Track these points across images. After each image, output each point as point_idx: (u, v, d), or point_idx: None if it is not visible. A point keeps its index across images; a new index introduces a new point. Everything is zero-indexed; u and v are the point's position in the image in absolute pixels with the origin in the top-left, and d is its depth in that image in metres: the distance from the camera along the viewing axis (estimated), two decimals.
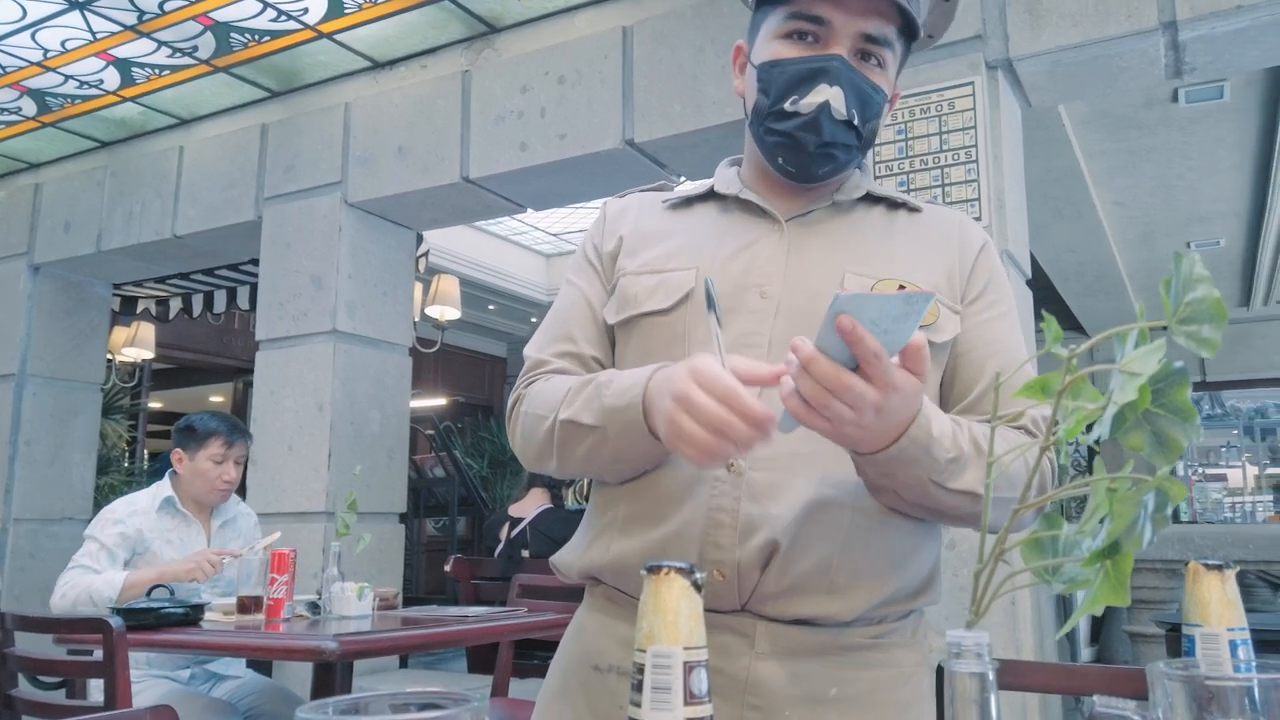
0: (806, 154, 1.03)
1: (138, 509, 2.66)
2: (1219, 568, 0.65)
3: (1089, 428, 0.54)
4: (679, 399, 0.84)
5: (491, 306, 8.30)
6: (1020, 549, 0.55)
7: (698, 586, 0.52)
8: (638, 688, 0.50)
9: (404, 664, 4.13)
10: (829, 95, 1.00)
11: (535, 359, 1.12)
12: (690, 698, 0.50)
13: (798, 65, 1.02)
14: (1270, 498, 9.27)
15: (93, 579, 2.48)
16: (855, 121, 1.02)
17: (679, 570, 0.51)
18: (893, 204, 1.11)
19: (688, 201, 1.15)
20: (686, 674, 0.50)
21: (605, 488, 1.06)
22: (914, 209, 1.11)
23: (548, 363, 1.11)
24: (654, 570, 0.52)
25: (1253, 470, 9.38)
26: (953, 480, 0.90)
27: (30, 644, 2.26)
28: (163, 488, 2.73)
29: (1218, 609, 0.64)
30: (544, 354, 1.12)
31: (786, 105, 1.02)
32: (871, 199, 1.11)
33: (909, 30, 1.05)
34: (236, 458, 2.74)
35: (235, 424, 2.78)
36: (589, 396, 0.98)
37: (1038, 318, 1.15)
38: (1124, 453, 0.55)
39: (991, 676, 0.54)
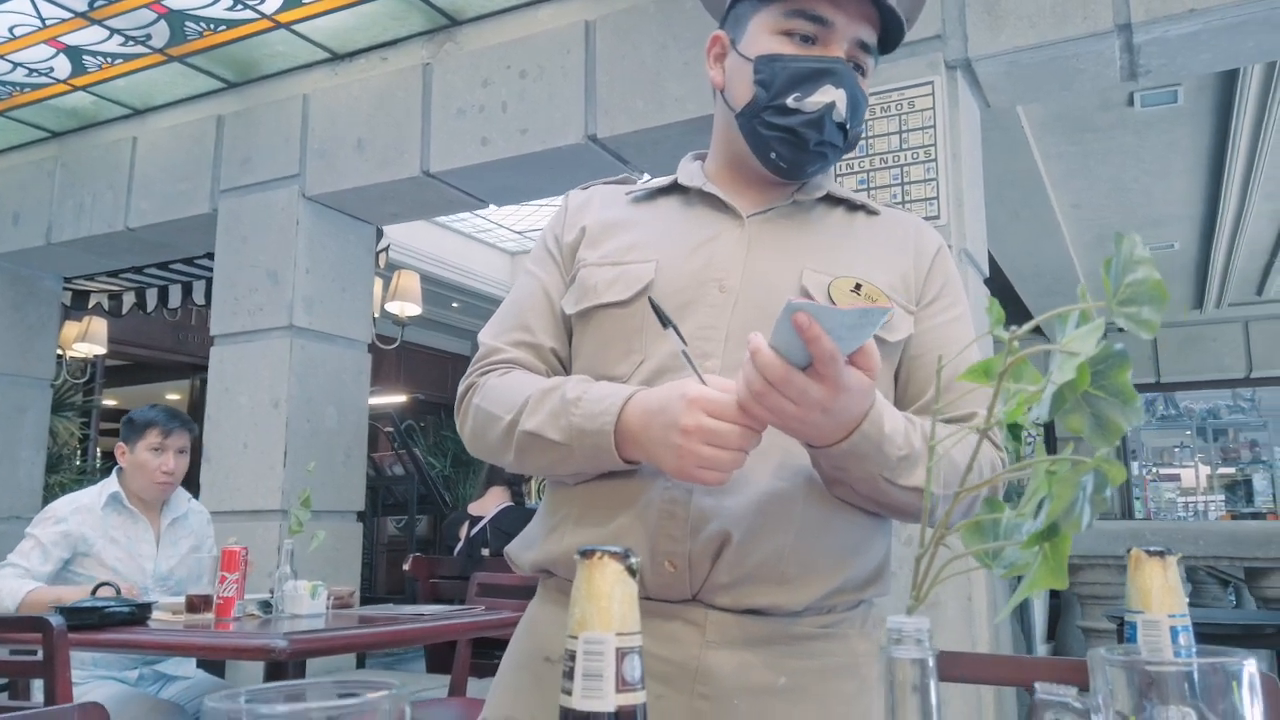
0: (805, 151, 1.04)
1: (81, 505, 2.59)
2: (1160, 554, 0.65)
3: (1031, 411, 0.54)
4: (693, 431, 0.85)
5: (455, 304, 8.23)
6: (961, 532, 0.55)
7: (632, 571, 0.50)
8: (569, 675, 0.49)
9: (361, 664, 4.08)
10: (835, 97, 1.02)
11: (490, 346, 1.11)
12: (623, 684, 0.48)
13: (804, 63, 1.02)
14: (1222, 497, 9.45)
15: (2, 585, 2.41)
16: (848, 126, 1.04)
17: (612, 555, 0.50)
18: (852, 205, 1.12)
19: (651, 194, 1.14)
20: (619, 661, 0.48)
21: (561, 486, 1.06)
22: (872, 211, 1.12)
23: (502, 350, 1.10)
24: (587, 555, 0.50)
25: (1205, 470, 9.57)
26: (904, 477, 0.91)
27: None
28: (109, 483, 2.66)
29: (1159, 595, 0.64)
30: (499, 342, 1.11)
31: (789, 101, 1.02)
32: (831, 200, 1.12)
33: (881, 44, 1.07)
34: (177, 447, 2.67)
35: (174, 413, 2.72)
36: (554, 410, 0.97)
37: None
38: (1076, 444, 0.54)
39: (931, 663, 0.54)
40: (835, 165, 1.14)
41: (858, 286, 1.02)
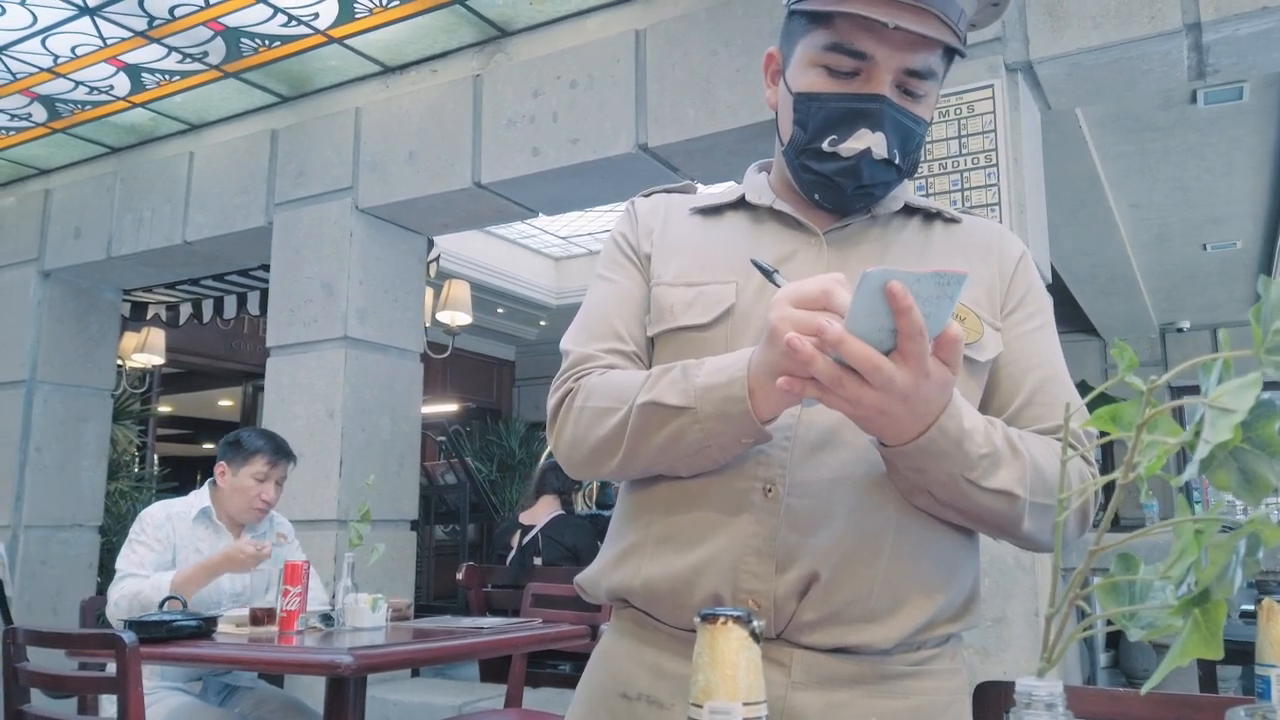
0: (844, 196, 1.01)
1: (174, 513, 2.66)
2: None
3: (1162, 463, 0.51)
4: (775, 303, 0.81)
5: (500, 310, 8.27)
6: (1097, 593, 0.52)
7: (756, 636, 0.48)
8: None
9: (416, 674, 4.10)
10: (870, 141, 0.97)
11: (581, 354, 1.03)
12: None
13: (838, 104, 0.98)
14: None
15: (142, 584, 2.47)
16: (896, 160, 0.99)
17: (737, 619, 0.48)
18: (929, 215, 1.08)
19: (717, 208, 1.10)
20: None
21: (638, 498, 1.01)
22: (951, 219, 1.08)
23: (597, 358, 1.03)
24: (709, 619, 0.48)
25: None
26: (987, 479, 0.87)
27: (43, 656, 2.23)
28: (201, 497, 2.72)
29: None
30: (590, 349, 1.03)
31: (824, 145, 0.98)
32: (909, 210, 1.08)
33: (952, 51, 1.01)
34: (278, 478, 2.73)
35: (281, 445, 2.76)
36: (674, 379, 0.92)
37: (1057, 322, 1.12)
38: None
39: None
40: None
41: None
